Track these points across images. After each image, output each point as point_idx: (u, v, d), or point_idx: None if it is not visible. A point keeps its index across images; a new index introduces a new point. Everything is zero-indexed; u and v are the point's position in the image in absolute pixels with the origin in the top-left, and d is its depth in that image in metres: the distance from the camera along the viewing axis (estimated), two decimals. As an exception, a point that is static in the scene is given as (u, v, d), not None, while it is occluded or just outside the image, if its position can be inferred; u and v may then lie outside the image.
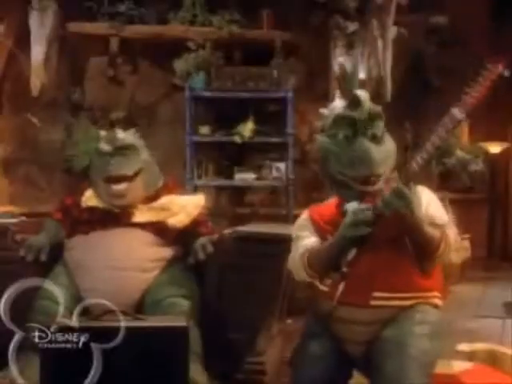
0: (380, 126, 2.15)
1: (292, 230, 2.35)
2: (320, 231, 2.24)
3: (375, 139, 2.12)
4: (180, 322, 2.33)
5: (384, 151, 2.14)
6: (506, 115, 7.47)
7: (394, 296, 2.10)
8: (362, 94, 2.15)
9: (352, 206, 2.11)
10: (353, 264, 2.06)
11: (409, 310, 2.10)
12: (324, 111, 2.24)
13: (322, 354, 2.16)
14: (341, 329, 2.16)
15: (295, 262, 2.24)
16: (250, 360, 2.81)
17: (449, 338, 2.25)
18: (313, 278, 2.20)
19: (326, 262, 2.13)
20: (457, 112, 1.99)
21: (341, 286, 2.09)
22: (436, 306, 2.16)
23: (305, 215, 2.35)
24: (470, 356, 2.55)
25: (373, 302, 2.09)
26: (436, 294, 2.18)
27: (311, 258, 2.18)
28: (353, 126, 2.12)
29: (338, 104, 2.25)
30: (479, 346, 2.65)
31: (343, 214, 2.13)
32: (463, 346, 2.59)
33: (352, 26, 6.14)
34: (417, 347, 2.02)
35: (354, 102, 2.13)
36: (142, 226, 2.96)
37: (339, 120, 2.14)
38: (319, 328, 2.21)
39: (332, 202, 2.30)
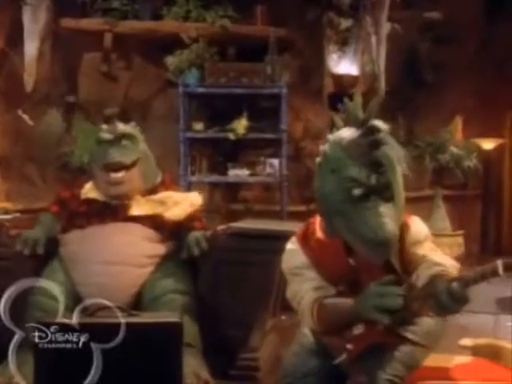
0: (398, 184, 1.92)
1: (287, 265, 2.19)
2: (317, 266, 2.11)
3: (391, 202, 1.91)
4: (173, 317, 2.34)
5: (398, 207, 1.93)
6: (499, 111, 7.49)
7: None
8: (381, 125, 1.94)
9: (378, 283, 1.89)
10: (358, 339, 2.02)
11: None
12: (330, 137, 2.01)
13: (318, 370, 2.17)
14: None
15: (303, 310, 2.09)
16: (244, 356, 2.82)
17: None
18: (322, 330, 2.10)
19: (336, 325, 2.04)
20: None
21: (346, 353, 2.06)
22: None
23: (296, 250, 2.16)
24: (472, 350, 2.56)
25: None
26: None
27: (321, 313, 2.04)
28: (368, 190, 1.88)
29: (346, 133, 1.98)
30: (481, 340, 2.67)
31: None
32: (465, 341, 2.61)
33: (346, 23, 6.14)
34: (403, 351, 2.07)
35: (370, 131, 1.91)
36: (139, 219, 2.97)
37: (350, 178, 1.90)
38: (314, 345, 2.21)
39: (324, 238, 2.10)
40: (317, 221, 2.16)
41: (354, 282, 2.03)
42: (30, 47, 5.91)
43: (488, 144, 7.07)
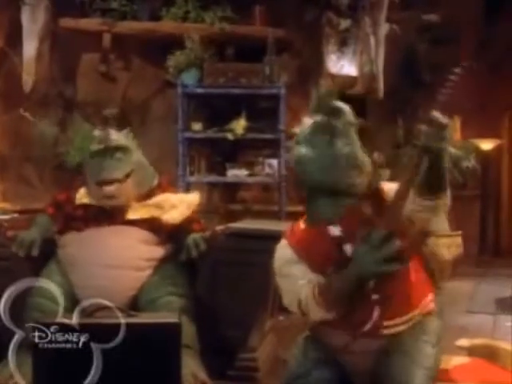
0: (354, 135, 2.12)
1: (276, 263, 2.20)
2: (307, 260, 2.11)
3: (351, 146, 2.09)
4: (172, 318, 2.34)
5: (362, 157, 2.11)
6: (497, 112, 7.50)
7: (400, 321, 2.08)
8: (343, 105, 2.12)
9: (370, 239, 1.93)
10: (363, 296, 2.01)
11: (413, 326, 2.10)
12: (297, 130, 2.20)
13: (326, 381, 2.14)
14: (348, 359, 2.13)
15: (306, 305, 2.07)
16: (243, 356, 2.82)
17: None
18: (331, 312, 2.05)
19: (341, 300, 2.03)
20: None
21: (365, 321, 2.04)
22: (432, 312, 2.18)
23: (285, 247, 2.18)
24: (468, 351, 2.56)
25: (385, 332, 2.07)
26: (429, 298, 2.19)
27: (322, 295, 2.03)
28: (332, 132, 2.08)
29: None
30: (478, 341, 2.67)
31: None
32: (462, 341, 2.61)
33: (344, 23, 6.14)
34: (421, 352, 2.05)
35: (333, 113, 2.10)
36: (136, 223, 2.96)
37: (317, 127, 2.11)
38: (322, 355, 2.17)
39: (307, 227, 2.16)
40: (300, 221, 2.21)
41: (342, 265, 2.02)
42: (29, 47, 5.90)
43: (486, 144, 7.08)
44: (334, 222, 2.08)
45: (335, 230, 2.08)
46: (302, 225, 2.19)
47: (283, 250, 2.18)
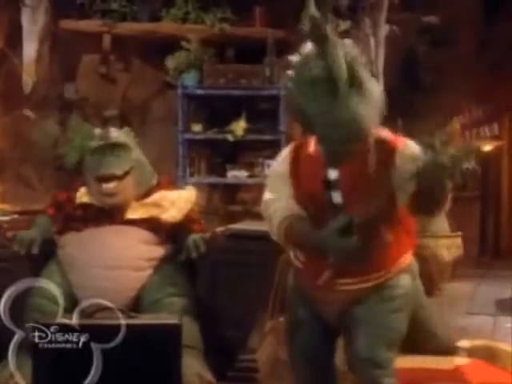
0: (360, 71, 2.00)
1: (271, 170, 2.25)
2: (295, 184, 2.12)
3: (358, 89, 1.96)
4: (172, 319, 2.34)
5: (369, 102, 2.00)
6: (497, 113, 7.50)
7: (359, 280, 2.09)
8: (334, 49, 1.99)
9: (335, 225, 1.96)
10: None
11: (377, 287, 2.10)
12: (293, 58, 2.10)
13: (306, 319, 2.20)
14: (315, 303, 2.18)
15: (272, 225, 2.17)
16: (243, 357, 2.82)
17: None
18: (283, 244, 2.18)
19: (302, 248, 2.13)
20: None
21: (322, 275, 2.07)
22: (404, 269, 2.14)
23: (286, 158, 2.18)
24: (469, 352, 2.57)
25: (339, 288, 2.09)
26: (402, 259, 2.14)
27: (288, 235, 2.11)
28: (330, 84, 1.93)
29: (307, 50, 2.06)
30: (479, 342, 2.67)
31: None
32: (463, 343, 2.61)
33: (344, 24, 6.13)
34: (382, 325, 2.08)
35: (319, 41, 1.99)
36: (136, 222, 2.97)
37: (315, 82, 1.96)
38: (299, 297, 2.23)
39: (313, 152, 2.11)
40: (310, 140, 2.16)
41: (323, 209, 2.04)
42: (29, 48, 5.90)
43: (486, 146, 7.08)
44: (336, 164, 2.04)
45: (332, 174, 2.05)
46: (312, 145, 2.12)
47: (282, 164, 2.18)
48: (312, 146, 2.12)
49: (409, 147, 2.07)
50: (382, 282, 2.10)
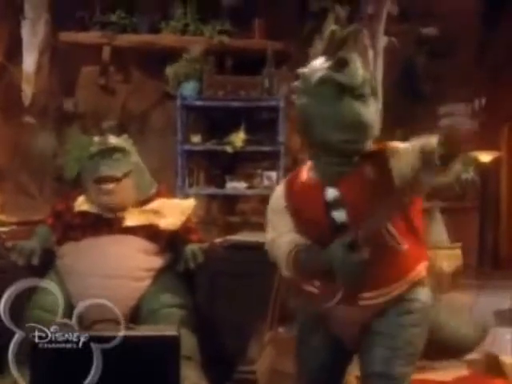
0: (367, 87, 2.01)
1: (268, 208, 2.21)
2: (295, 215, 2.11)
3: (363, 100, 1.99)
4: (171, 331, 2.33)
5: (372, 113, 2.02)
6: (496, 124, 7.51)
7: (380, 293, 2.05)
8: (351, 56, 1.99)
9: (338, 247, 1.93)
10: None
11: (397, 299, 2.07)
12: (304, 71, 2.07)
13: (320, 345, 2.17)
14: (334, 325, 2.14)
15: (281, 264, 2.13)
16: (242, 369, 2.82)
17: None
18: (296, 277, 2.13)
19: (310, 272, 2.08)
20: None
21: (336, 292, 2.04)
22: (422, 282, 2.12)
23: (280, 193, 2.17)
24: (469, 363, 2.56)
25: (361, 303, 2.06)
26: (419, 267, 2.10)
27: (296, 263, 2.08)
28: (339, 87, 1.95)
29: (319, 63, 2.03)
30: (478, 353, 2.67)
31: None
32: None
33: (343, 36, 6.16)
34: (402, 338, 2.04)
35: (340, 64, 1.97)
36: (135, 231, 2.97)
37: (324, 82, 1.97)
38: (313, 323, 2.19)
39: (307, 180, 2.12)
40: (306, 165, 2.16)
41: (326, 231, 2.03)
42: (29, 60, 5.92)
43: (485, 157, 7.08)
44: (334, 183, 2.03)
45: (331, 193, 2.04)
46: (304, 174, 2.12)
47: (278, 200, 2.17)
48: (305, 173, 2.13)
49: (396, 146, 2.09)
50: (400, 295, 2.07)
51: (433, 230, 6.42)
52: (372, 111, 2.03)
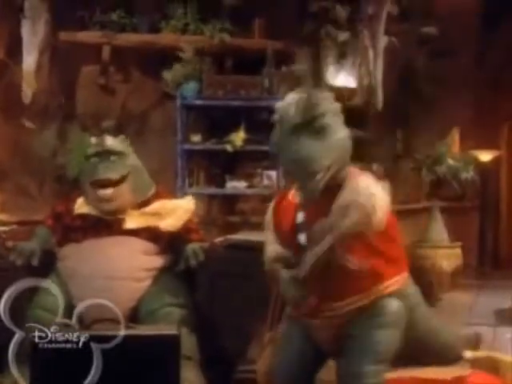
0: (321, 119, 2.13)
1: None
2: (275, 230, 2.33)
3: (318, 133, 2.12)
4: (171, 330, 2.34)
5: (327, 145, 2.12)
6: (496, 123, 7.52)
7: (343, 304, 2.22)
8: (296, 95, 2.18)
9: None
10: None
11: (367, 307, 2.22)
12: (278, 105, 2.29)
13: (297, 341, 2.36)
14: (311, 331, 2.32)
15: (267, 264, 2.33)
16: (242, 368, 2.81)
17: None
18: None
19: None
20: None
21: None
22: (393, 294, 2.24)
23: (272, 207, 2.39)
24: (471, 363, 2.57)
25: (327, 314, 2.23)
26: (387, 282, 2.24)
27: (270, 274, 2.31)
28: (289, 124, 2.17)
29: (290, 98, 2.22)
30: (481, 353, 2.68)
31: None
32: (465, 353, 2.61)
33: (343, 36, 6.16)
34: (370, 338, 2.19)
35: (288, 102, 2.18)
36: (135, 232, 2.97)
37: (278, 120, 2.26)
38: (294, 325, 2.38)
39: (292, 201, 2.33)
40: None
41: (294, 251, 2.22)
42: (29, 59, 5.92)
43: (485, 156, 7.09)
44: (305, 207, 2.21)
45: (300, 217, 2.23)
46: (290, 194, 2.33)
47: (268, 214, 2.39)
48: (292, 193, 2.32)
49: (357, 181, 2.17)
50: (370, 303, 2.21)
51: (433, 229, 6.42)
52: (326, 144, 2.12)
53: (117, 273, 2.84)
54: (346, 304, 2.21)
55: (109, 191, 2.96)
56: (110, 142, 3.06)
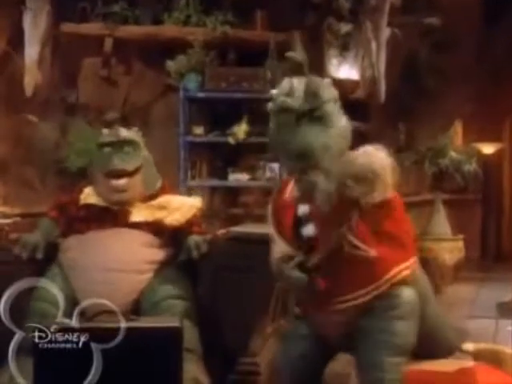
0: (323, 107, 2.08)
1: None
2: (275, 225, 2.29)
3: (320, 121, 2.06)
4: (173, 322, 2.34)
5: (331, 134, 2.07)
6: (499, 116, 7.50)
7: (356, 295, 2.15)
8: (295, 82, 2.11)
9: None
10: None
11: (380, 298, 2.15)
12: (274, 92, 2.22)
13: (303, 336, 2.31)
14: (319, 327, 2.27)
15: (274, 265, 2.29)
16: (244, 361, 2.81)
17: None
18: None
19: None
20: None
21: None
22: (405, 281, 2.18)
23: (271, 202, 2.36)
24: (473, 355, 2.57)
25: (338, 307, 2.17)
26: (396, 269, 2.17)
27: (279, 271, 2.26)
28: (290, 113, 2.07)
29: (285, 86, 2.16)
30: (483, 345, 2.68)
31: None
32: (468, 346, 2.62)
33: (346, 28, 6.15)
34: (388, 330, 2.13)
35: (287, 90, 2.11)
36: (139, 225, 2.96)
37: (276, 110, 2.14)
38: (300, 326, 2.34)
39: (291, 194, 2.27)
40: (291, 182, 2.28)
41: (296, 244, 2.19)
42: (31, 52, 5.91)
43: (488, 148, 7.08)
44: (306, 199, 2.14)
45: (301, 209, 2.17)
46: (289, 188, 2.26)
47: (269, 207, 2.35)
48: (289, 188, 2.26)
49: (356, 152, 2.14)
50: (382, 293, 2.15)
51: (435, 222, 6.43)
52: (329, 133, 2.07)
53: (118, 265, 2.83)
54: (359, 295, 2.15)
55: (123, 181, 2.95)
56: (125, 133, 3.06)
